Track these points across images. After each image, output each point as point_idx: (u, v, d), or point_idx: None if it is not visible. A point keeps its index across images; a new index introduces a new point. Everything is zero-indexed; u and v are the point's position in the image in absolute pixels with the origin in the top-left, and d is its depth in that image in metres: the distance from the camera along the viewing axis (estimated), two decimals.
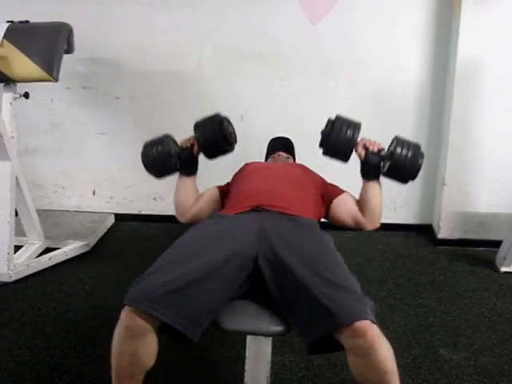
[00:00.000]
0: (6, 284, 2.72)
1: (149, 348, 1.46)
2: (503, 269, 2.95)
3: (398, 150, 1.96)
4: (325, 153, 2.08)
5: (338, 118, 2.05)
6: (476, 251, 3.24)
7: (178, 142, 2.18)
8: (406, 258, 3.17)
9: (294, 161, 2.56)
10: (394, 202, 3.53)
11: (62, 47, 2.66)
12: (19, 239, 3.02)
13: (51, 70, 2.61)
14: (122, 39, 3.34)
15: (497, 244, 3.04)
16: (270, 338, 1.65)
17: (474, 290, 2.78)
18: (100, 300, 2.63)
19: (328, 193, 2.14)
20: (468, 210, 3.29)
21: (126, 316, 1.42)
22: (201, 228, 1.80)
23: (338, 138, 1.99)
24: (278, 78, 3.32)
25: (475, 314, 2.54)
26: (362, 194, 2.08)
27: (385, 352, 1.35)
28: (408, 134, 3.31)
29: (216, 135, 2.10)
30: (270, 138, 2.64)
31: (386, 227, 3.49)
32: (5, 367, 2.09)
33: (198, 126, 2.13)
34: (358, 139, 2.02)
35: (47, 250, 3.07)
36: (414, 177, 1.99)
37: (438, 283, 2.85)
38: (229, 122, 2.23)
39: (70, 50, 2.75)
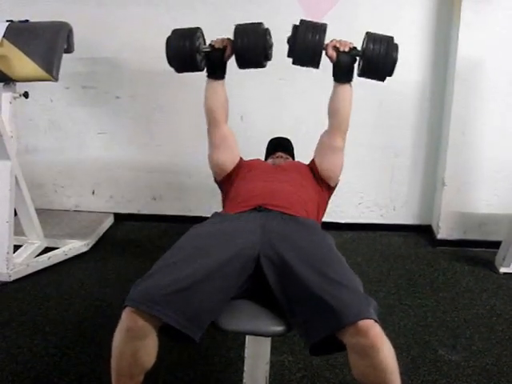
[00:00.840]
0: (5, 283, 2.72)
1: (149, 349, 1.46)
2: (502, 269, 2.95)
3: (370, 45, 1.89)
4: (294, 61, 2.01)
5: (301, 21, 1.96)
6: (475, 252, 3.24)
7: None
8: (406, 258, 3.17)
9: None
10: (394, 202, 3.52)
11: (61, 47, 2.66)
12: (18, 239, 3.02)
13: (51, 69, 2.61)
14: (121, 39, 3.33)
15: (496, 245, 3.04)
16: (269, 339, 1.64)
17: (473, 290, 2.78)
18: (99, 300, 2.63)
19: (312, 166, 2.18)
20: (467, 210, 3.29)
21: (127, 317, 1.41)
22: (202, 228, 1.79)
23: (303, 43, 1.92)
24: (278, 78, 3.32)
25: (474, 314, 2.54)
26: (332, 99, 2.08)
27: (386, 352, 1.35)
28: (407, 134, 3.38)
29: (258, 45, 1.99)
30: (270, 139, 2.64)
31: (385, 227, 3.54)
32: (4, 367, 2.09)
33: (240, 31, 1.99)
34: (326, 41, 1.97)
35: (46, 250, 3.06)
36: (390, 72, 1.94)
37: (437, 284, 2.85)
38: (270, 34, 2.12)
39: (69, 49, 2.75)
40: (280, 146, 2.55)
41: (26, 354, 2.18)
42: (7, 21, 2.71)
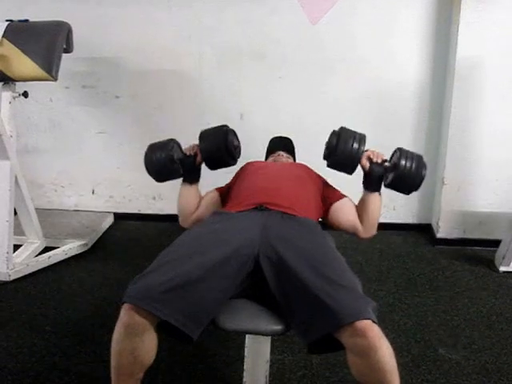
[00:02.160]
0: (5, 283, 2.72)
1: (148, 346, 1.46)
2: (502, 268, 2.95)
3: (402, 161, 1.93)
4: (330, 165, 2.07)
5: (343, 129, 2.02)
6: (475, 250, 3.24)
7: (183, 147, 2.16)
8: (405, 257, 3.17)
9: (295, 161, 2.56)
10: (394, 202, 3.53)
11: (61, 46, 2.66)
12: (18, 238, 3.02)
13: (50, 69, 2.61)
14: (121, 38, 3.34)
15: (496, 243, 3.04)
16: (269, 338, 1.65)
17: (472, 289, 2.78)
18: (99, 299, 2.63)
19: (328, 195, 2.14)
20: (467, 209, 3.29)
21: (125, 313, 1.42)
22: (202, 226, 1.80)
23: (344, 151, 1.97)
24: (277, 76, 3.33)
25: (474, 313, 2.54)
26: (361, 204, 2.07)
27: (385, 352, 1.34)
28: (407, 133, 3.38)
29: (220, 148, 2.08)
30: (271, 138, 2.64)
31: (385, 226, 3.52)
32: (4, 366, 2.09)
33: (203, 137, 2.12)
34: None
35: (46, 249, 3.06)
36: (416, 188, 1.97)
37: (437, 283, 2.85)
38: (235, 134, 2.22)
39: (69, 49, 2.75)
40: (281, 145, 2.55)
41: (25, 353, 2.18)
42: (7, 20, 2.70)
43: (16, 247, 2.94)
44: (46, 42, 2.64)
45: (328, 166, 2.08)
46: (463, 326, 2.42)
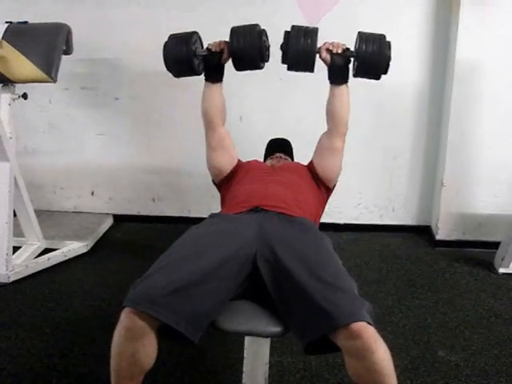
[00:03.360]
0: (4, 285, 2.72)
1: (148, 349, 1.46)
2: (501, 270, 2.96)
3: (363, 46, 1.90)
4: (289, 68, 2.02)
5: (292, 27, 1.98)
6: (474, 252, 3.24)
7: (206, 45, 2.08)
8: (404, 259, 3.17)
9: None
10: (393, 203, 3.53)
11: (60, 48, 2.66)
12: (18, 240, 3.02)
13: (50, 70, 2.61)
14: (120, 40, 3.34)
15: (495, 245, 3.04)
16: (269, 339, 1.64)
17: (472, 291, 2.78)
18: (98, 301, 2.63)
19: (311, 167, 2.18)
20: (466, 211, 3.30)
21: (125, 317, 1.42)
22: (200, 228, 1.80)
23: (296, 48, 1.93)
24: (278, 78, 3.32)
25: (473, 315, 2.54)
26: (329, 101, 2.08)
27: (382, 354, 1.34)
28: (407, 135, 3.38)
29: (253, 47, 2.00)
30: (269, 140, 2.64)
31: (384, 228, 3.55)
32: (3, 368, 2.09)
33: (235, 33, 2.00)
34: (319, 44, 1.98)
35: (46, 251, 3.06)
36: (385, 70, 1.94)
37: (436, 284, 2.85)
38: (267, 36, 2.13)
39: (68, 50, 2.75)
40: (279, 146, 2.55)
41: (25, 354, 2.18)
42: (6, 22, 2.71)
43: (15, 249, 2.94)
44: (46, 44, 2.64)
45: (288, 69, 2.03)
46: (462, 328, 2.42)
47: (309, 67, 1.99)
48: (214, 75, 2.09)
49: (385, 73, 1.96)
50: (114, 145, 3.58)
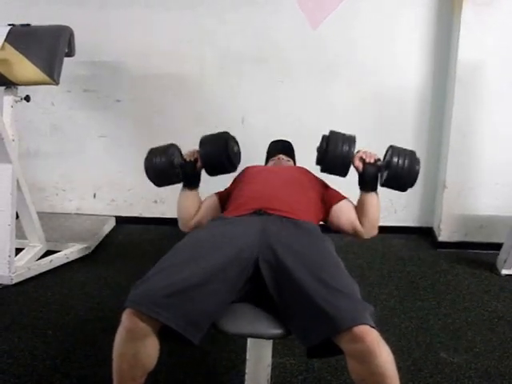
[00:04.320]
0: (6, 287, 2.72)
1: (150, 350, 1.46)
2: (504, 271, 2.95)
3: (395, 159, 1.95)
4: (322, 170, 2.08)
5: (332, 133, 2.04)
6: (476, 254, 3.24)
7: (184, 151, 2.16)
8: (407, 260, 3.17)
9: (295, 164, 2.57)
10: (395, 205, 3.53)
11: (62, 50, 2.67)
12: (20, 242, 3.02)
13: (52, 73, 2.62)
14: (122, 42, 3.34)
15: (497, 247, 3.04)
16: (271, 341, 1.65)
17: (474, 292, 2.78)
18: (101, 303, 2.63)
19: (328, 197, 2.14)
20: (468, 212, 3.29)
21: (127, 318, 1.42)
22: (202, 231, 1.80)
23: (334, 155, 1.98)
24: (278, 80, 3.33)
25: (476, 316, 2.54)
26: (359, 205, 2.08)
27: (385, 357, 1.34)
28: (408, 137, 3.38)
29: (220, 155, 2.08)
30: (271, 141, 2.64)
31: (386, 230, 3.52)
32: (5, 370, 2.09)
33: (203, 143, 2.11)
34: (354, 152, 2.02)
35: (48, 253, 3.07)
36: (412, 184, 1.99)
37: (438, 286, 2.85)
38: (235, 141, 2.21)
39: (70, 53, 2.76)
40: (281, 148, 2.56)
41: (27, 357, 2.18)
42: (9, 25, 2.72)
43: (18, 251, 2.95)
44: (48, 46, 2.65)
45: (321, 170, 2.09)
46: (465, 330, 2.42)
47: (343, 172, 2.04)
48: (191, 182, 2.15)
49: (411, 187, 2.01)
50: (116, 147, 3.59)
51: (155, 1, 3.25)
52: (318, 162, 2.08)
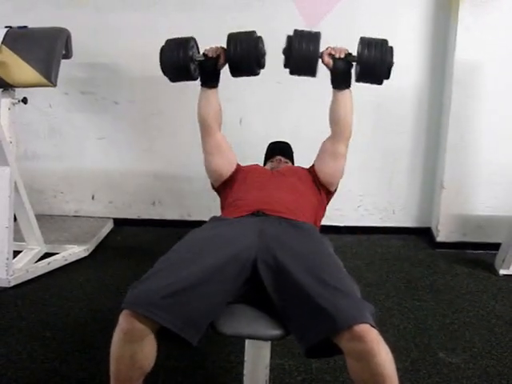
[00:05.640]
0: (4, 289, 2.72)
1: (147, 351, 1.46)
2: (502, 271, 2.96)
3: (365, 51, 1.91)
4: (291, 72, 2.03)
5: (294, 31, 1.98)
6: (475, 254, 3.24)
7: (202, 50, 2.08)
8: (405, 261, 3.17)
9: (293, 165, 2.56)
10: (393, 205, 3.53)
11: (60, 52, 2.67)
12: (18, 244, 3.02)
13: (49, 75, 2.62)
14: (120, 44, 3.34)
15: (496, 247, 3.05)
16: (269, 342, 1.64)
17: (472, 292, 2.78)
18: (99, 305, 2.63)
19: (312, 171, 2.18)
20: (467, 212, 3.30)
21: (124, 319, 1.42)
22: (200, 232, 1.80)
23: (299, 53, 1.93)
24: (276, 81, 3.33)
25: (474, 316, 2.54)
26: (332, 106, 2.09)
27: (384, 356, 1.34)
28: (406, 137, 3.39)
29: (250, 54, 2.01)
30: (269, 143, 2.64)
31: (384, 230, 3.54)
32: (4, 372, 2.09)
33: (233, 39, 2.02)
34: (321, 49, 1.98)
35: (46, 255, 3.06)
36: (387, 74, 1.95)
37: (436, 286, 2.85)
38: (263, 43, 2.14)
39: (68, 55, 2.76)
40: (279, 150, 2.56)
41: (25, 359, 2.18)
42: (6, 27, 2.71)
43: (16, 253, 2.94)
44: (45, 48, 2.65)
45: (290, 73, 2.05)
46: (463, 330, 2.42)
47: (311, 72, 2.00)
48: (211, 81, 2.09)
49: (387, 78, 1.97)
50: (114, 149, 3.58)
51: (152, 3, 3.25)
52: (285, 65, 2.04)
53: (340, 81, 2.02)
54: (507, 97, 3.07)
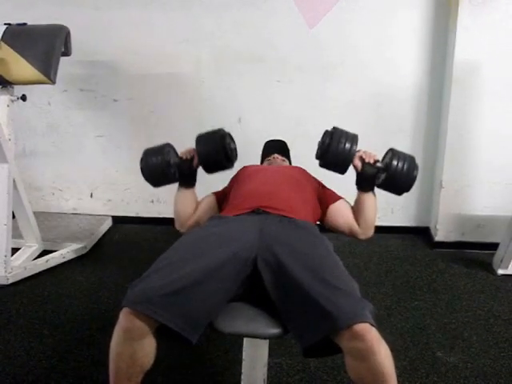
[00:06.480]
0: (3, 287, 2.72)
1: (147, 349, 1.46)
2: (500, 271, 2.96)
3: (394, 162, 1.96)
4: (322, 165, 2.08)
5: (336, 129, 2.04)
6: (473, 254, 3.25)
7: (179, 152, 2.16)
8: (403, 260, 3.17)
9: (290, 163, 2.57)
10: (392, 205, 3.53)
11: (59, 50, 2.67)
12: (16, 242, 3.02)
13: (48, 72, 2.61)
14: (119, 41, 3.34)
15: (494, 246, 3.05)
16: (267, 341, 1.64)
17: (470, 292, 2.78)
18: (97, 302, 2.63)
19: (325, 197, 2.15)
20: (465, 212, 3.30)
21: (124, 318, 1.42)
22: (200, 230, 1.80)
23: (337, 151, 1.98)
24: (275, 80, 3.33)
25: (472, 316, 2.54)
26: (356, 205, 2.09)
27: (383, 355, 1.34)
28: (405, 137, 3.39)
29: (217, 152, 2.08)
30: (266, 141, 2.64)
31: (383, 230, 3.53)
32: (1, 370, 2.09)
33: (200, 140, 2.11)
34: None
35: (44, 253, 3.07)
36: (408, 189, 2.01)
37: (435, 286, 2.85)
38: (231, 138, 2.22)
39: (67, 52, 2.76)
40: (276, 148, 2.56)
41: (23, 357, 2.18)
42: (5, 24, 2.71)
43: (14, 250, 2.94)
44: (44, 46, 2.64)
45: (320, 165, 2.09)
46: (461, 329, 2.42)
47: (342, 170, 2.04)
48: (188, 181, 2.16)
49: (407, 191, 2.04)
50: (113, 146, 3.58)
51: (152, 0, 3.24)
52: (318, 157, 2.08)
53: (365, 183, 2.06)
54: (506, 97, 3.07)
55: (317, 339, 1.41)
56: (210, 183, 2.27)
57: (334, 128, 2.05)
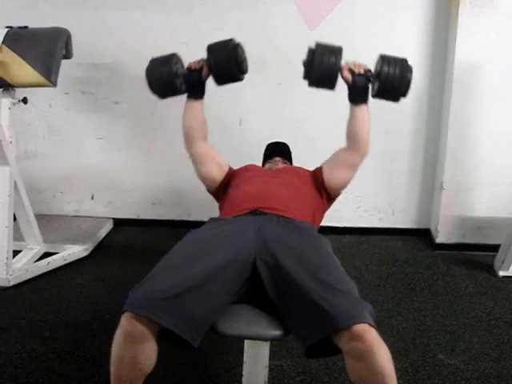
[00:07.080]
0: (4, 289, 2.72)
1: (149, 353, 1.46)
2: (501, 273, 2.96)
3: (385, 68, 1.92)
4: (310, 84, 2.04)
5: (317, 45, 2.00)
6: (474, 255, 3.24)
7: (186, 64, 2.12)
8: (404, 262, 3.17)
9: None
10: (392, 207, 3.53)
11: (60, 52, 2.67)
12: (18, 244, 3.02)
13: (50, 75, 2.62)
14: (120, 44, 3.34)
15: (495, 248, 3.05)
16: (268, 343, 1.64)
17: (472, 294, 2.78)
18: (98, 305, 2.63)
19: (317, 174, 2.18)
20: (466, 214, 3.30)
21: (126, 321, 1.42)
22: (199, 232, 1.80)
23: (320, 66, 1.95)
24: (276, 82, 3.33)
25: (473, 318, 2.54)
26: (350, 121, 2.08)
27: (383, 356, 1.34)
28: (406, 138, 3.39)
29: (230, 60, 2.04)
30: (267, 144, 2.64)
31: (384, 231, 3.54)
32: (3, 372, 2.09)
33: (212, 49, 2.06)
34: (342, 63, 1.99)
35: (46, 255, 3.06)
36: (405, 93, 1.96)
37: (435, 287, 2.85)
38: (243, 49, 2.17)
39: (68, 55, 2.76)
40: (277, 150, 2.56)
41: (25, 358, 2.18)
42: (6, 27, 2.72)
43: (15, 253, 2.94)
44: (46, 48, 2.65)
45: (309, 85, 2.06)
46: (462, 331, 2.42)
47: (331, 85, 2.01)
48: (196, 92, 2.15)
49: (404, 96, 1.99)
50: (114, 149, 3.59)
51: (152, 3, 3.25)
52: (305, 77, 2.05)
53: (358, 95, 2.03)
54: (507, 98, 3.07)
55: (316, 339, 1.41)
56: None
57: (316, 43, 2.01)
